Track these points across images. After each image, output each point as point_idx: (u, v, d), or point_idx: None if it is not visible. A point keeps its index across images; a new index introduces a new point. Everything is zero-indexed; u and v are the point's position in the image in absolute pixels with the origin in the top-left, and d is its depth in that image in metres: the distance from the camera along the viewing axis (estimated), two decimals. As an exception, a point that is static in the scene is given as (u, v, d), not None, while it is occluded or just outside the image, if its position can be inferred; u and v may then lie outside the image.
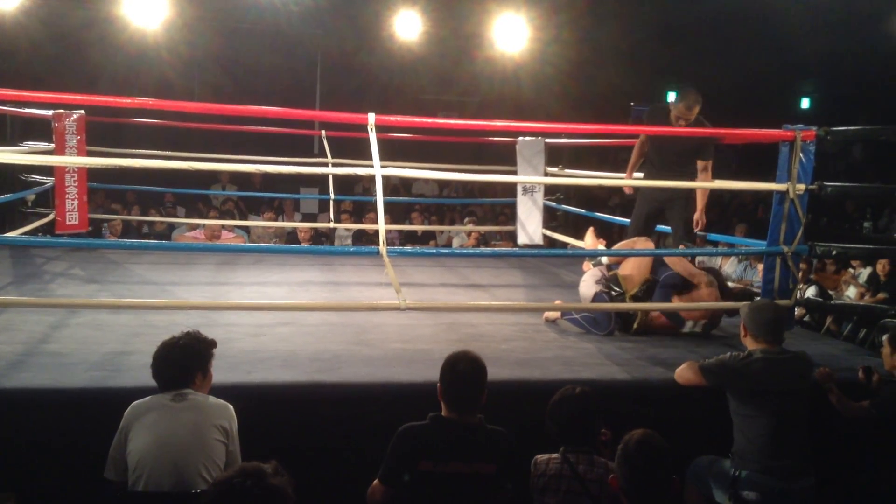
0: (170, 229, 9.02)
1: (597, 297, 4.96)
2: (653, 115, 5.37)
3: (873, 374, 3.72)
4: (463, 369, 2.87)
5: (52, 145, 6.74)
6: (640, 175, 5.58)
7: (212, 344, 3.02)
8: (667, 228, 5.59)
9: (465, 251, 8.47)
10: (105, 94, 4.51)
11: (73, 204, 6.87)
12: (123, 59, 10.16)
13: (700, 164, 5.13)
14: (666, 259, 4.92)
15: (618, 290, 4.94)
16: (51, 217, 6.96)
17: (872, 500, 3.37)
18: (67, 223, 6.87)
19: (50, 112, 6.70)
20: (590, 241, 5.93)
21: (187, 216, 9.80)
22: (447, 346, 3.30)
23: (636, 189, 5.63)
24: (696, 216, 5.17)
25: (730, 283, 5.65)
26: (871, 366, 3.81)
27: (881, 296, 7.58)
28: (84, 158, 6.62)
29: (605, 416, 3.02)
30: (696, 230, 5.25)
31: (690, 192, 5.21)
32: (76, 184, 6.87)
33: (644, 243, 5.18)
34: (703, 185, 5.15)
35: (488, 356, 3.21)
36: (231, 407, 2.90)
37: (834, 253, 4.93)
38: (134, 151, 7.15)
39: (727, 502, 3.26)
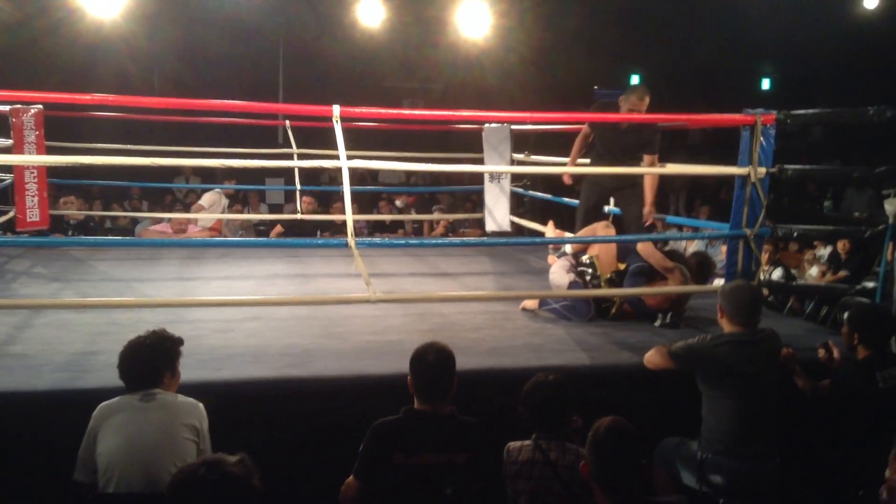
0: (133, 224, 8.89)
1: (572, 286, 4.99)
2: (599, 109, 5.44)
3: (833, 351, 3.77)
4: (431, 360, 2.89)
5: (10, 141, 6.59)
6: (586, 162, 5.59)
7: (179, 342, 2.99)
8: (617, 210, 5.61)
9: (433, 241, 8.47)
10: (61, 86, 4.45)
11: (33, 201, 6.74)
12: (80, 50, 9.97)
13: (647, 158, 5.13)
14: (640, 251, 4.93)
15: (591, 272, 4.97)
16: (11, 215, 6.83)
17: (836, 478, 3.43)
18: (28, 220, 6.74)
19: (7, 108, 6.54)
20: (550, 234, 5.99)
21: (150, 210, 9.66)
22: (418, 337, 3.30)
23: (581, 177, 5.66)
24: (645, 211, 5.16)
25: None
26: (829, 342, 3.87)
27: (842, 273, 7.76)
28: (44, 157, 6.49)
29: (577, 403, 3.05)
30: (645, 224, 5.26)
31: (639, 181, 5.24)
32: (36, 180, 6.73)
33: (605, 228, 5.20)
34: (658, 170, 5.17)
35: (459, 345, 3.22)
36: (201, 405, 2.89)
37: (795, 234, 5.02)
38: (95, 147, 7.02)
39: (694, 485, 3.32)
